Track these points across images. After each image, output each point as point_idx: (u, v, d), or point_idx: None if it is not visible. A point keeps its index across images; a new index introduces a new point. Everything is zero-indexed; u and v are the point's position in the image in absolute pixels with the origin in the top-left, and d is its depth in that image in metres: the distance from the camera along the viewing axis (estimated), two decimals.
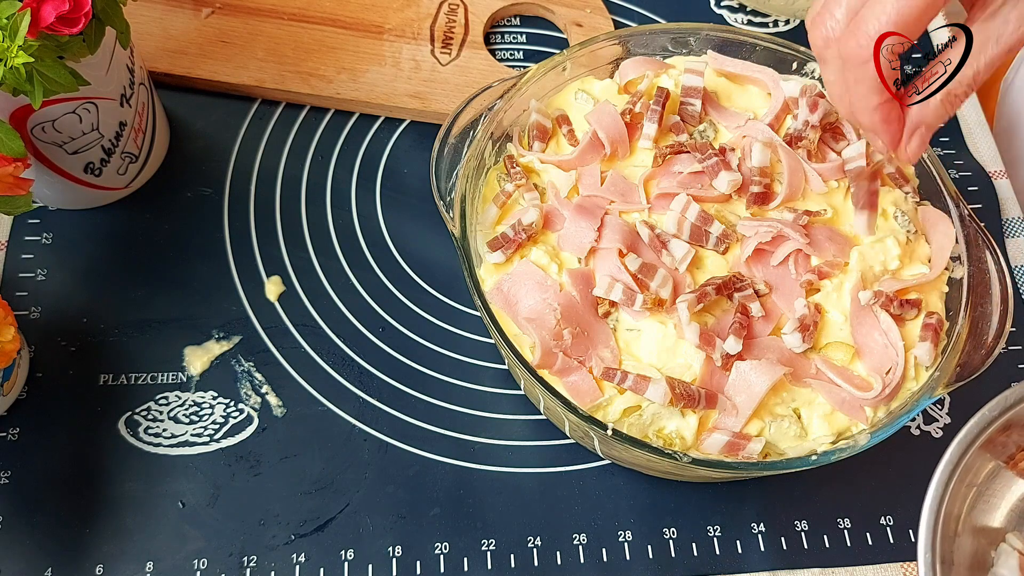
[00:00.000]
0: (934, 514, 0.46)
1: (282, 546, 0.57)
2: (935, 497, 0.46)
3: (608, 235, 0.56)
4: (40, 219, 0.67)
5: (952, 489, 0.47)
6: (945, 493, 0.46)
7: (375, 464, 0.60)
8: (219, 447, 0.60)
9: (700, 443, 0.53)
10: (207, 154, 0.71)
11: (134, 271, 0.65)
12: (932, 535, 0.45)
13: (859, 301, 0.54)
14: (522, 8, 0.79)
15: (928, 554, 0.45)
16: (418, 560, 0.57)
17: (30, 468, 0.58)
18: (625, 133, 0.60)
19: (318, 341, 0.64)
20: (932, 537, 0.45)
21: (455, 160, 0.58)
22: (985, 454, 0.49)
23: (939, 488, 0.46)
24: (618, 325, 0.55)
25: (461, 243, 0.55)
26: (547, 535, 0.58)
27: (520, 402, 0.63)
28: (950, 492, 0.47)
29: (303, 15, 0.75)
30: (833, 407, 0.53)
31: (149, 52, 0.72)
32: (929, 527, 0.46)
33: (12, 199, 0.52)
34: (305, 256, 0.67)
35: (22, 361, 0.60)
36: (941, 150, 0.74)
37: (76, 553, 0.56)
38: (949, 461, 0.47)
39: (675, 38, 0.65)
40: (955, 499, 0.48)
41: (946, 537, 0.47)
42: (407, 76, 0.73)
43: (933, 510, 0.46)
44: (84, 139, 0.60)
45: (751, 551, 0.59)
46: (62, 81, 0.51)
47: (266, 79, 0.72)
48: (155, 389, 0.61)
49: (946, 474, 0.47)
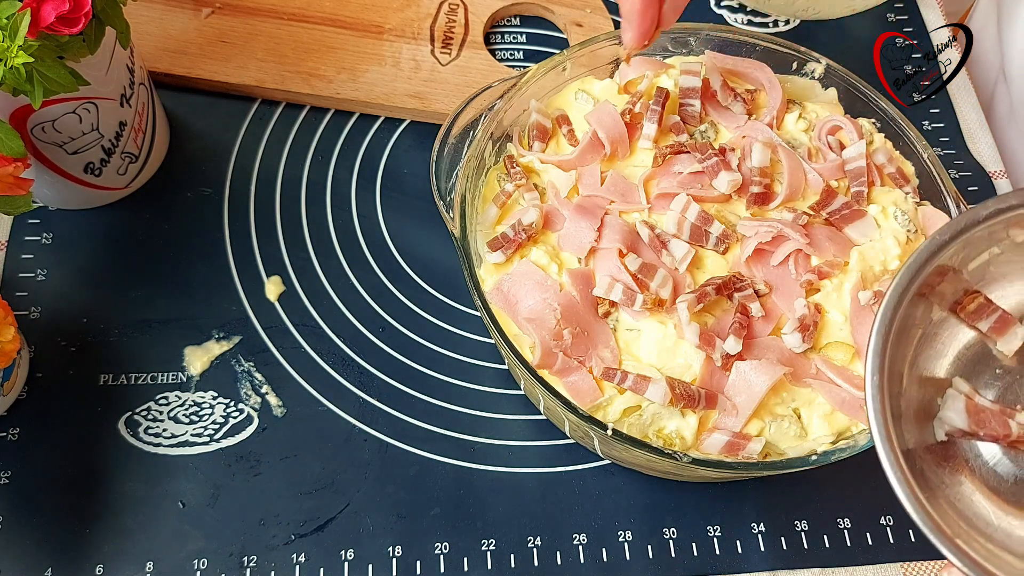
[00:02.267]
0: (879, 365, 0.44)
1: (282, 546, 0.57)
2: (878, 347, 0.44)
3: (608, 235, 0.56)
4: (40, 219, 0.67)
5: (892, 345, 0.45)
6: (886, 346, 0.45)
7: (375, 464, 0.60)
8: (219, 447, 0.60)
9: (700, 443, 0.53)
10: (207, 154, 0.71)
11: (134, 271, 0.65)
12: (880, 394, 0.44)
13: (859, 301, 0.54)
14: (522, 8, 0.79)
15: (876, 401, 0.43)
16: (418, 560, 0.57)
17: (30, 468, 0.58)
18: (625, 133, 0.60)
19: (318, 341, 0.64)
20: (880, 392, 0.44)
21: (455, 160, 0.58)
22: (924, 303, 0.47)
23: (881, 335, 0.45)
24: (618, 325, 0.55)
25: (461, 243, 0.55)
26: (547, 535, 0.58)
27: (520, 402, 0.63)
28: (890, 348, 0.45)
29: (303, 15, 0.75)
30: (833, 407, 0.53)
31: (149, 52, 0.72)
32: (876, 375, 0.44)
33: (12, 199, 0.52)
34: (305, 256, 0.67)
35: (22, 361, 0.60)
36: (941, 150, 0.74)
37: (76, 553, 0.56)
38: (888, 304, 0.45)
39: (675, 38, 0.65)
40: (897, 355, 0.46)
41: (893, 394, 0.45)
42: (407, 76, 0.73)
43: (877, 361, 0.44)
44: (84, 139, 0.60)
45: (751, 551, 0.59)
46: (62, 81, 0.51)
47: (266, 79, 0.72)
48: (155, 389, 0.61)
49: (887, 320, 0.45)
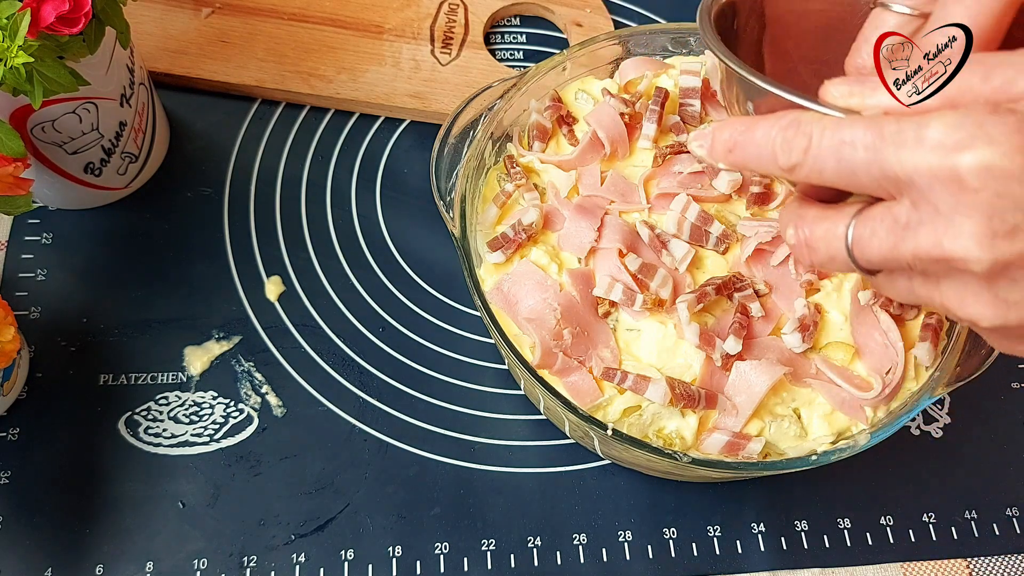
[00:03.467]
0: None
1: (282, 546, 0.57)
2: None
3: (608, 235, 0.56)
4: (40, 219, 0.67)
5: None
6: None
7: (375, 464, 0.60)
8: (219, 447, 0.60)
9: (700, 443, 0.53)
10: (207, 154, 0.71)
11: (134, 271, 0.66)
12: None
13: (859, 301, 0.54)
14: (522, 8, 0.79)
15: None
16: (418, 560, 0.57)
17: (30, 468, 0.58)
18: (625, 133, 0.60)
19: (318, 341, 0.64)
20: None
21: (455, 160, 0.58)
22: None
23: None
24: (618, 325, 0.55)
25: (461, 243, 0.55)
26: (547, 535, 0.58)
27: (520, 402, 0.63)
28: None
29: (303, 15, 0.75)
30: (833, 407, 0.53)
31: (149, 52, 0.72)
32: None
33: (12, 199, 0.52)
34: (305, 256, 0.67)
35: (22, 361, 0.60)
36: None
37: (76, 553, 0.56)
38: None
39: (675, 38, 0.65)
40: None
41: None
42: (407, 76, 0.73)
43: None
44: (84, 139, 0.60)
45: (751, 551, 0.59)
46: (62, 81, 0.51)
47: (266, 79, 0.72)
48: (155, 389, 0.61)
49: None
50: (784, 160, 0.35)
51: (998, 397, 0.65)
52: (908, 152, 0.32)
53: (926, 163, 0.31)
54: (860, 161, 0.33)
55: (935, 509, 0.61)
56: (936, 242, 0.32)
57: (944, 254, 0.32)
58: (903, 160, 0.32)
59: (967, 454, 0.63)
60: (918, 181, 0.32)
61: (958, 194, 0.31)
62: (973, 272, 0.32)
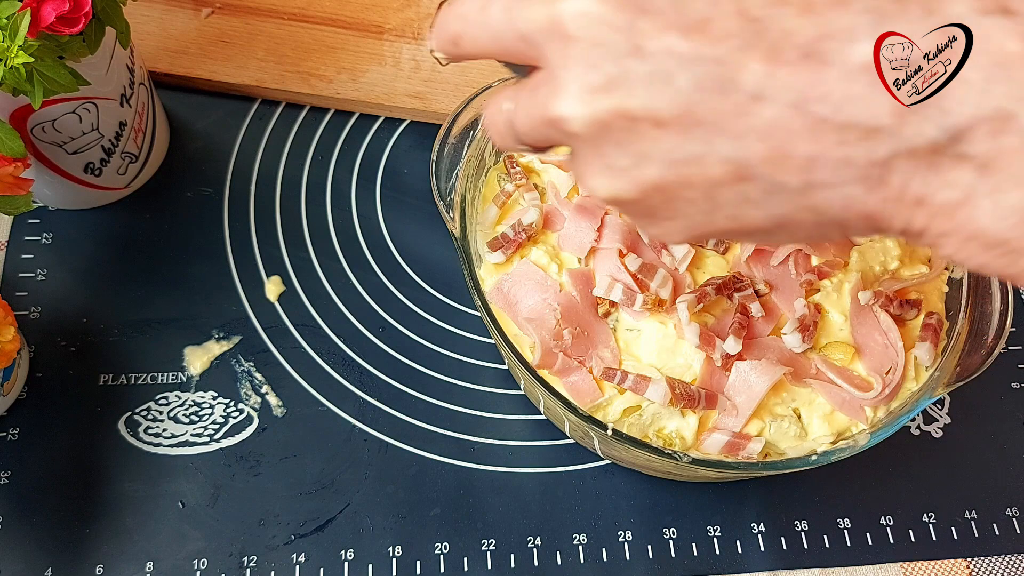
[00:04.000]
0: None
1: (282, 546, 0.57)
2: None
3: (608, 235, 0.56)
4: (40, 219, 0.67)
5: None
6: None
7: (375, 464, 0.60)
8: (219, 447, 0.60)
9: (700, 443, 0.53)
10: (207, 154, 0.71)
11: (134, 271, 0.65)
12: None
13: (859, 301, 0.54)
14: None
15: None
16: (418, 560, 0.57)
17: (30, 468, 0.58)
18: None
19: (318, 341, 0.64)
20: None
21: (455, 160, 0.58)
22: None
23: None
24: (618, 325, 0.55)
25: (461, 243, 0.55)
26: (547, 535, 0.58)
27: (520, 402, 0.63)
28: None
29: (303, 15, 0.75)
30: (833, 407, 0.53)
31: (149, 52, 0.72)
32: None
33: (12, 199, 0.52)
34: (305, 256, 0.67)
35: (22, 361, 0.60)
36: None
37: (76, 553, 0.56)
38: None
39: None
40: None
41: None
42: (407, 76, 0.73)
43: None
44: (84, 139, 0.60)
45: (751, 551, 0.59)
46: (62, 81, 0.51)
47: (266, 79, 0.72)
48: (155, 389, 0.61)
49: None
50: (456, 29, 0.33)
51: (998, 397, 0.65)
52: (527, 8, 0.30)
53: (537, 16, 0.29)
54: (498, 23, 0.31)
55: (935, 509, 0.61)
56: (544, 102, 0.30)
57: (549, 115, 0.30)
58: (525, 17, 0.30)
59: (967, 454, 0.63)
60: (537, 37, 0.30)
61: (563, 47, 0.29)
62: (579, 136, 0.30)
